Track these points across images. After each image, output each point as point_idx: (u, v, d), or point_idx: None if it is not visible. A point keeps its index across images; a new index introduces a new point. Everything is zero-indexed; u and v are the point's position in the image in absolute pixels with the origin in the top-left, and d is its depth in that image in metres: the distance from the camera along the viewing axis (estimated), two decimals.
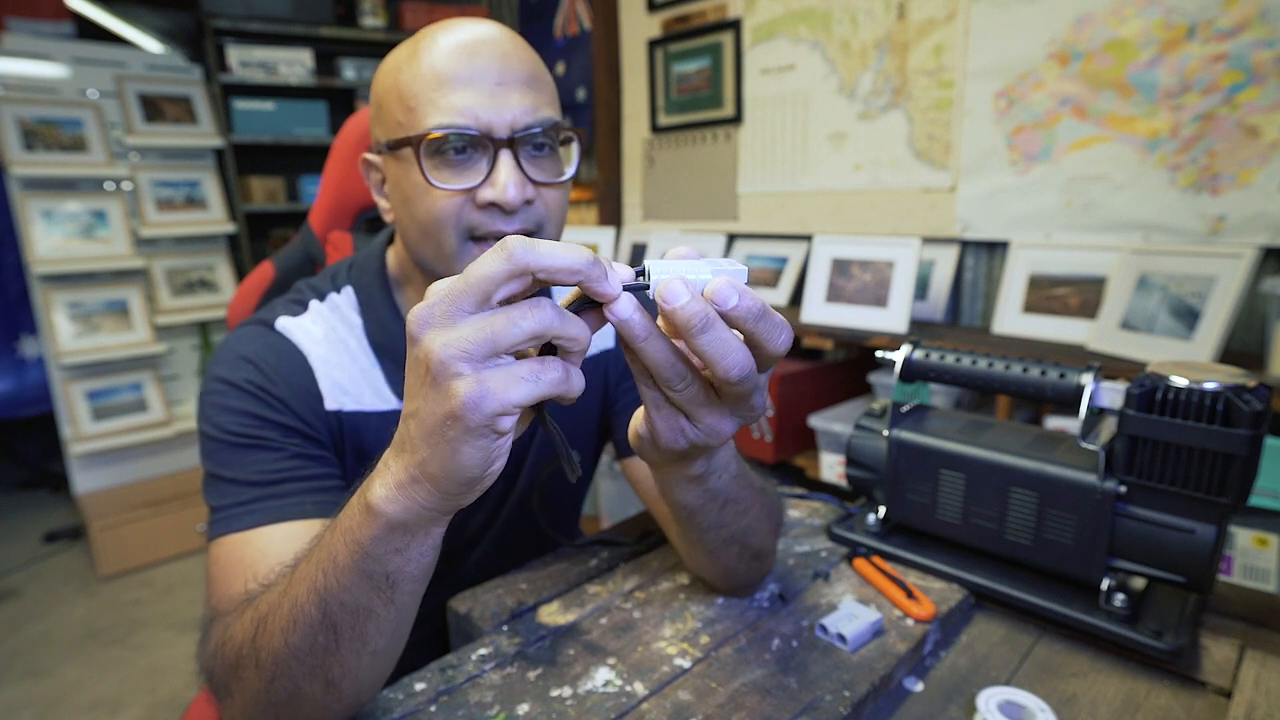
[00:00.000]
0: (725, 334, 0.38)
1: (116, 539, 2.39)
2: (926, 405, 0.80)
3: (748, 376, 0.39)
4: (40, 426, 2.82)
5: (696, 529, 0.57)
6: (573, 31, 2.58)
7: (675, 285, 0.37)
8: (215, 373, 0.64)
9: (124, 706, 1.80)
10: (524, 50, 0.61)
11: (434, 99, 0.58)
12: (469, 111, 0.58)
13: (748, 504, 0.58)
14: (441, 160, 0.59)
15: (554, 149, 0.64)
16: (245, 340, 0.65)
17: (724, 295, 0.37)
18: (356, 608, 0.44)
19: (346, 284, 0.71)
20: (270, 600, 0.47)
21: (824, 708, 0.52)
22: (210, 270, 2.76)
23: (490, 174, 0.59)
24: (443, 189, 0.59)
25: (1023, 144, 1.51)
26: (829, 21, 1.80)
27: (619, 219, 2.45)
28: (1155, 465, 0.58)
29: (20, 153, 2.34)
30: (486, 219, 0.61)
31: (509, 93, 0.59)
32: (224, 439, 0.61)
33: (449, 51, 0.58)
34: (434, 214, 0.60)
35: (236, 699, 0.49)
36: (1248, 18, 1.21)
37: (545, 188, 0.62)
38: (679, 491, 0.52)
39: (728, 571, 0.64)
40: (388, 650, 0.48)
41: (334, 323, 0.69)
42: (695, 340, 0.37)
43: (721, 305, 0.37)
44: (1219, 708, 0.54)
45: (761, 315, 0.38)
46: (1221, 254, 1.18)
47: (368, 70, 2.94)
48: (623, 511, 2.23)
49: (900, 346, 0.75)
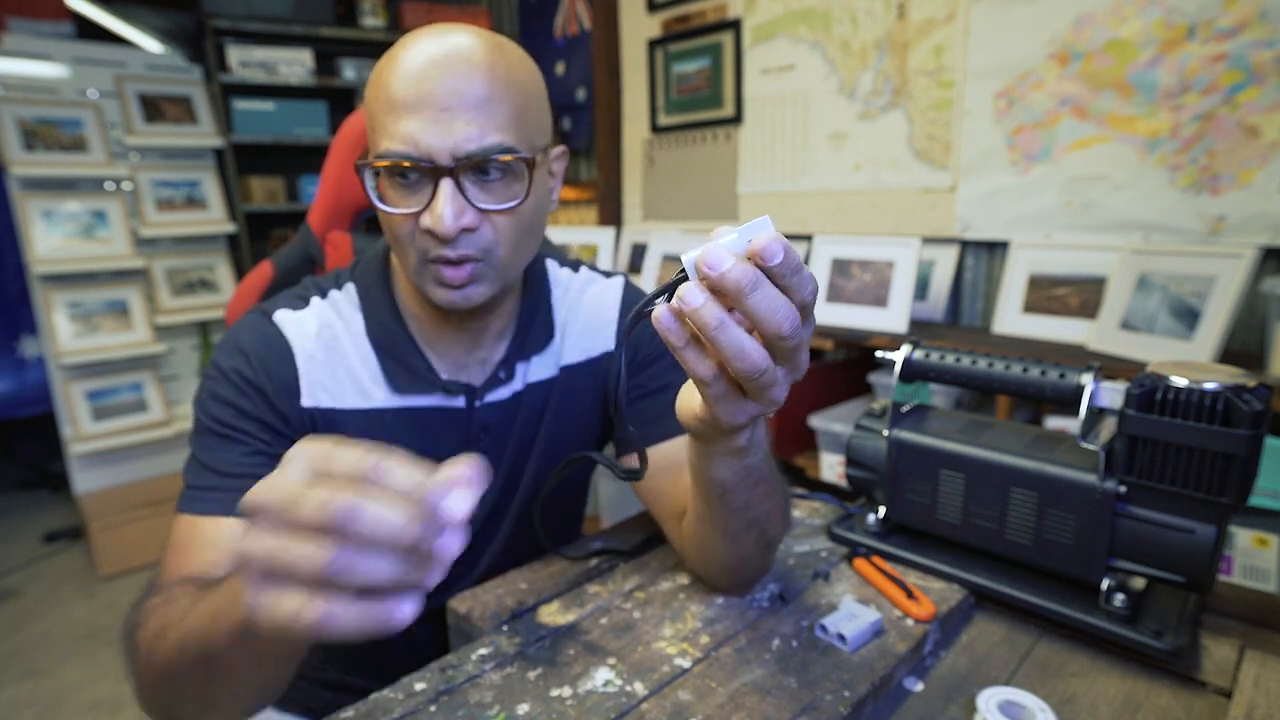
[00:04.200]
0: (772, 290, 0.39)
1: (116, 539, 2.39)
2: (926, 405, 0.80)
3: (797, 329, 0.40)
4: (40, 426, 2.82)
5: (726, 508, 0.57)
6: (573, 31, 2.58)
7: (718, 251, 0.37)
8: (214, 357, 0.68)
9: (124, 706, 1.80)
10: (482, 68, 0.58)
11: (385, 123, 0.58)
12: (411, 139, 0.57)
13: (773, 486, 0.58)
14: (395, 183, 0.60)
15: (509, 171, 0.61)
16: (245, 329, 0.68)
17: (772, 251, 0.38)
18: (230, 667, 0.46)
19: (350, 282, 0.73)
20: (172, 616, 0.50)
21: (824, 708, 0.52)
22: (210, 270, 2.76)
23: (430, 201, 0.59)
24: (392, 213, 0.60)
25: (1023, 144, 1.51)
26: (829, 21, 1.80)
27: (619, 219, 2.45)
28: (1155, 465, 0.58)
29: (20, 153, 2.34)
30: (432, 244, 0.60)
31: (454, 119, 0.57)
32: (206, 423, 0.64)
33: (404, 73, 0.58)
34: (394, 233, 0.62)
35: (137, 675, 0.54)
36: (1248, 18, 1.21)
37: (495, 214, 0.61)
38: (720, 467, 0.53)
39: (742, 560, 0.64)
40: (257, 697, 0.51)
41: (331, 319, 0.70)
42: (746, 301, 0.38)
43: (770, 261, 0.38)
44: (1219, 708, 0.54)
45: (798, 267, 0.39)
46: (1221, 254, 1.18)
47: (368, 70, 2.94)
48: (623, 512, 2.23)
49: (900, 346, 0.75)
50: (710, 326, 0.39)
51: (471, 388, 0.72)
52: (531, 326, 0.75)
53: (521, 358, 0.75)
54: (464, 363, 0.73)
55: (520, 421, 0.76)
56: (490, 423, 0.74)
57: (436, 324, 0.71)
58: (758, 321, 0.39)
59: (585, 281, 0.81)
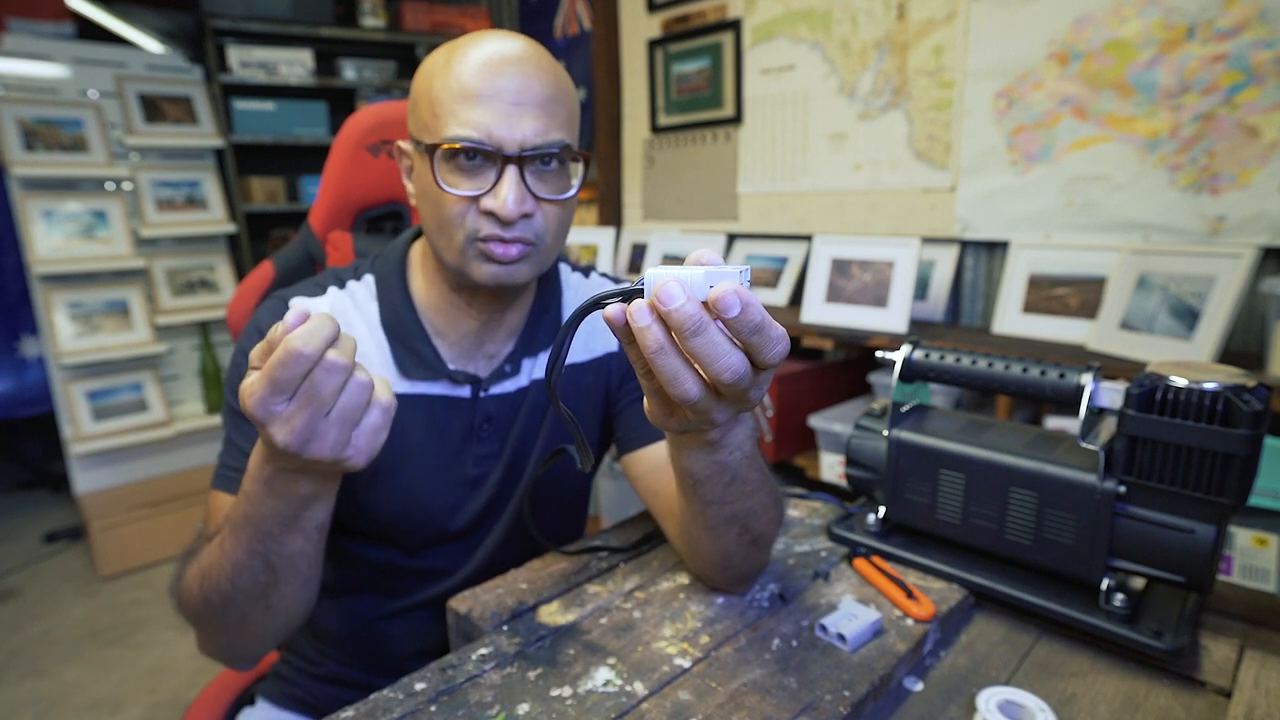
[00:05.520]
0: (718, 338, 0.39)
1: (116, 539, 2.39)
2: (926, 405, 0.80)
3: (740, 379, 0.41)
4: (40, 426, 2.82)
5: (700, 500, 0.58)
6: (573, 31, 2.58)
7: (671, 287, 0.38)
8: (239, 344, 0.72)
9: (124, 706, 1.80)
10: (548, 72, 0.65)
11: (455, 111, 0.63)
12: (484, 127, 0.62)
13: (754, 486, 0.59)
14: (455, 165, 0.64)
15: (563, 166, 0.67)
16: (264, 314, 0.73)
17: (727, 304, 0.38)
18: (293, 552, 0.57)
19: (368, 272, 0.77)
20: (210, 559, 0.59)
21: (824, 707, 0.52)
22: (210, 270, 2.76)
23: (495, 185, 0.64)
24: (451, 193, 0.64)
25: (1023, 144, 1.51)
26: (829, 21, 1.80)
27: (619, 219, 2.45)
28: (1155, 465, 0.58)
29: (20, 153, 2.34)
30: (487, 225, 0.65)
31: (523, 113, 0.63)
32: (235, 405, 0.68)
33: (476, 67, 0.63)
34: (445, 213, 0.65)
35: (196, 627, 0.64)
36: (1248, 18, 1.22)
37: (547, 203, 0.67)
38: (689, 458, 0.55)
39: (726, 556, 0.64)
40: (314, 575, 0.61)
41: (347, 307, 0.74)
42: (688, 342, 0.39)
43: (724, 313, 0.39)
44: (1218, 707, 0.54)
45: (759, 329, 0.39)
46: (1221, 254, 1.18)
47: (368, 70, 2.94)
48: (622, 511, 2.23)
49: (900, 346, 0.75)
50: (650, 349, 0.40)
51: (477, 378, 0.74)
52: (541, 324, 0.78)
53: (529, 354, 0.77)
54: (472, 355, 0.75)
55: (524, 415, 0.77)
56: (494, 414, 0.76)
57: (449, 316, 0.74)
58: (699, 363, 0.40)
59: (595, 286, 0.85)
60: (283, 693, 0.85)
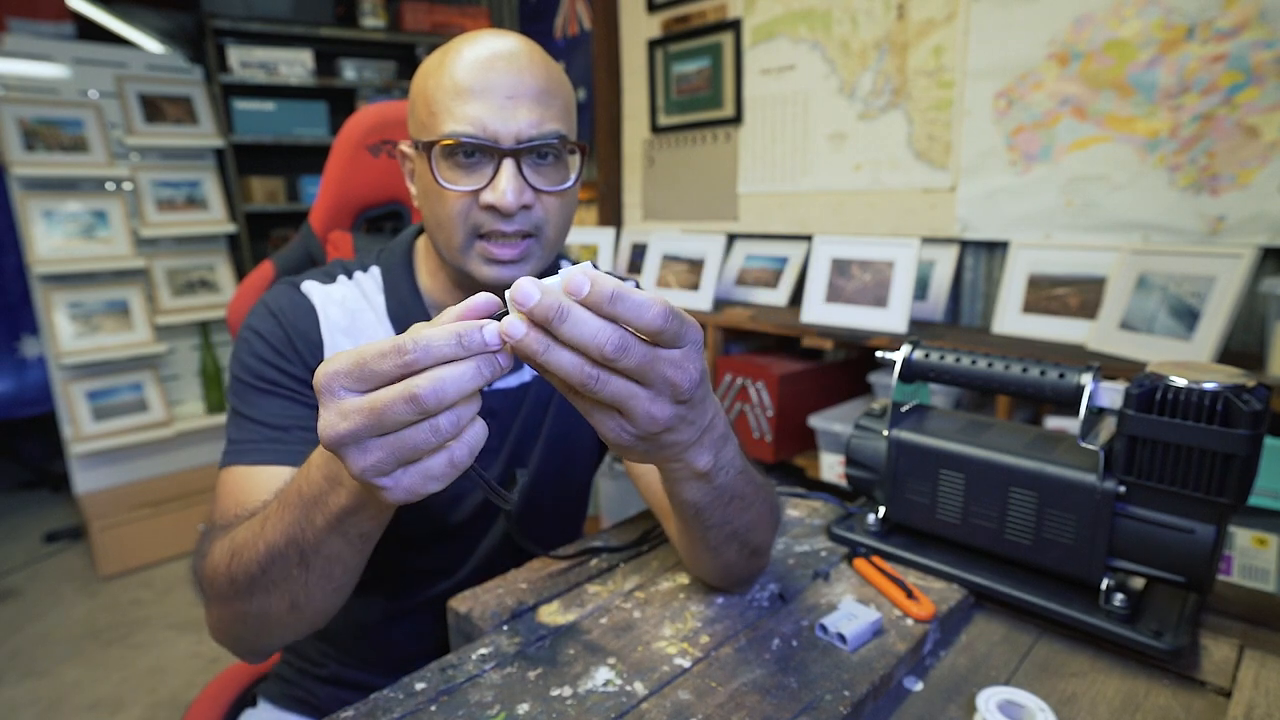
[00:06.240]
0: (584, 315, 0.39)
1: (117, 539, 2.39)
2: (926, 405, 0.80)
3: (624, 350, 0.40)
4: (41, 426, 2.82)
5: (701, 526, 0.57)
6: (573, 32, 2.58)
7: (525, 287, 0.38)
8: (247, 322, 0.72)
9: (124, 706, 1.80)
10: (540, 66, 0.66)
11: (451, 107, 0.64)
12: (479, 121, 0.63)
13: (751, 500, 0.58)
14: (453, 162, 0.65)
15: (560, 158, 0.68)
16: (275, 297, 0.73)
17: (577, 284, 0.39)
18: (331, 555, 0.52)
19: (375, 265, 0.78)
20: (245, 536, 0.55)
21: (824, 707, 0.52)
22: (210, 270, 2.76)
23: (493, 179, 0.64)
24: (451, 189, 0.65)
25: (1022, 144, 1.51)
26: (829, 22, 1.80)
27: (619, 219, 2.45)
28: (1155, 465, 0.58)
29: (21, 153, 2.34)
30: (488, 219, 0.66)
31: (518, 106, 0.64)
32: (247, 380, 0.68)
33: (469, 64, 0.64)
34: (445, 210, 0.66)
35: (214, 606, 0.59)
36: (1247, 18, 1.22)
37: (546, 195, 0.67)
38: (687, 490, 0.53)
39: (727, 568, 0.64)
40: (347, 584, 0.57)
41: (356, 296, 0.75)
42: (560, 331, 0.39)
43: (577, 294, 0.39)
44: (1218, 707, 0.54)
45: (616, 298, 0.39)
46: (1221, 254, 1.18)
47: (368, 70, 2.94)
48: (622, 511, 2.23)
49: (900, 346, 0.75)
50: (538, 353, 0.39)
51: None
52: None
53: None
54: None
55: (526, 411, 0.78)
56: (495, 408, 0.76)
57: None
58: (581, 349, 0.39)
59: None
60: (284, 693, 0.85)
